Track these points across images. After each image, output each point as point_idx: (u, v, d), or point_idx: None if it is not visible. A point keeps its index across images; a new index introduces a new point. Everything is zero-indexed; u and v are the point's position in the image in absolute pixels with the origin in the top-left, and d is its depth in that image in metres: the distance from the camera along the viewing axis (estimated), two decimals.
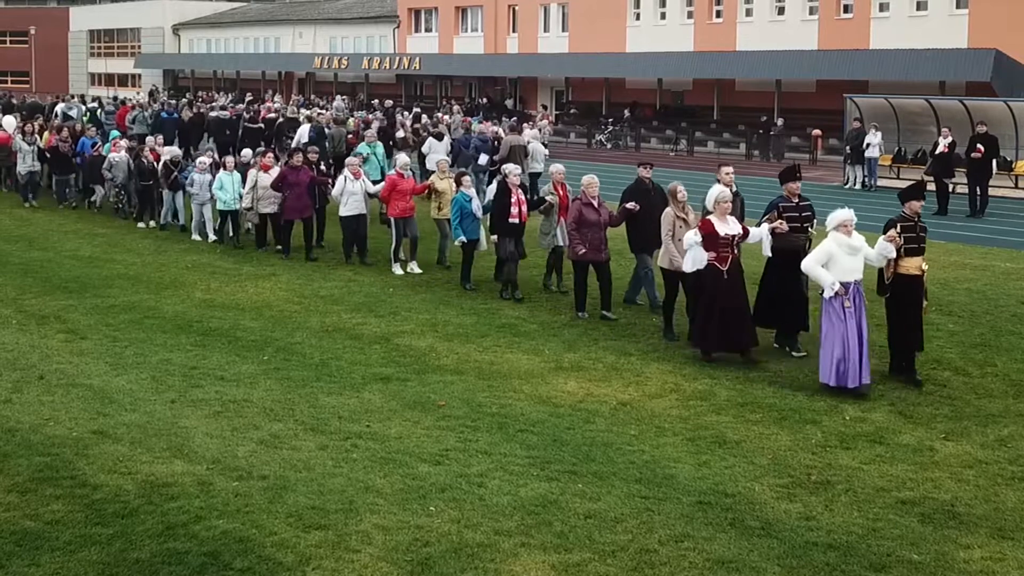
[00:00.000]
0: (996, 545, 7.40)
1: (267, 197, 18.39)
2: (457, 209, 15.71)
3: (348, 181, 17.41)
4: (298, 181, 18.01)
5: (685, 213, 12.83)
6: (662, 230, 12.86)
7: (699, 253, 11.71)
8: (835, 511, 7.97)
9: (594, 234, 13.68)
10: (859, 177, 31.42)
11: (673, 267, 12.62)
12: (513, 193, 15.04)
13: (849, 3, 43.74)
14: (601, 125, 48.46)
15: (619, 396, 10.73)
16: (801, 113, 42.54)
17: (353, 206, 17.41)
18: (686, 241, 11.86)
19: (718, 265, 11.72)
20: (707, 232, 11.78)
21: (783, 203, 12.35)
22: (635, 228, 14.16)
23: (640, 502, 8.08)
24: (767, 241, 11.94)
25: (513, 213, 14.91)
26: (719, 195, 12.03)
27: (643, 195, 14.14)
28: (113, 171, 22.54)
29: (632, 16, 50.82)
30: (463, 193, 15.88)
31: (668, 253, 12.74)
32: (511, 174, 15.35)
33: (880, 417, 10.12)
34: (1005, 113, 30.01)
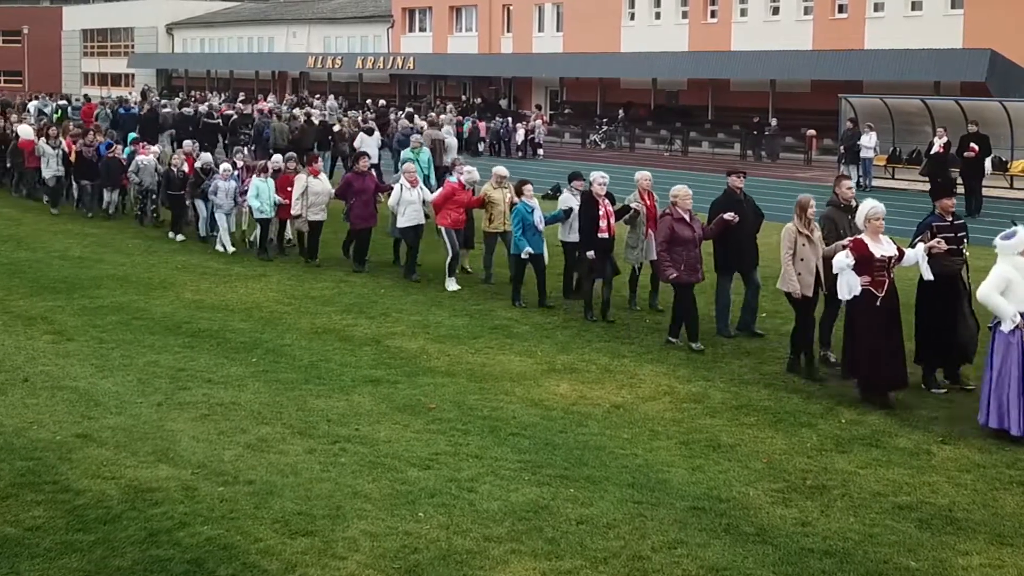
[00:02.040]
0: (995, 551, 7.27)
1: (318, 204, 17.42)
2: (519, 220, 14.38)
3: (405, 190, 16.19)
4: (364, 188, 16.99)
5: (810, 230, 11.35)
6: (782, 249, 11.39)
7: (852, 278, 10.29)
8: (831, 516, 7.83)
9: (689, 252, 12.30)
10: (854, 177, 31.30)
11: (792, 292, 11.27)
12: (600, 204, 13.55)
13: (844, 3, 43.67)
14: (596, 125, 48.38)
15: (612, 399, 10.59)
16: (796, 113, 42.46)
17: (411, 216, 16.20)
18: (837, 264, 10.39)
19: (874, 291, 10.30)
20: (861, 253, 10.31)
21: (937, 222, 10.93)
22: (726, 244, 12.74)
23: (633, 507, 7.94)
24: (925, 263, 10.54)
25: (602, 227, 13.45)
26: (871, 210, 10.47)
27: (735, 207, 12.66)
28: (140, 175, 21.34)
29: (627, 16, 50.74)
30: (524, 203, 14.57)
31: (787, 276, 11.32)
32: (595, 182, 13.70)
33: (876, 420, 9.99)
34: (1000, 113, 29.93)
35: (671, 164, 38.96)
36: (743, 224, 12.60)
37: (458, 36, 59.69)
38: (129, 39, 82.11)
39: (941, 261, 10.65)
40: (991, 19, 38.23)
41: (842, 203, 11.74)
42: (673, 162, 40.05)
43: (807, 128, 40.44)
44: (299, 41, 68.96)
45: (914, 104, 32.93)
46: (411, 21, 62.70)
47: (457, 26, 60.18)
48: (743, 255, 12.83)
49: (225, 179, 18.84)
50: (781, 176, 34.41)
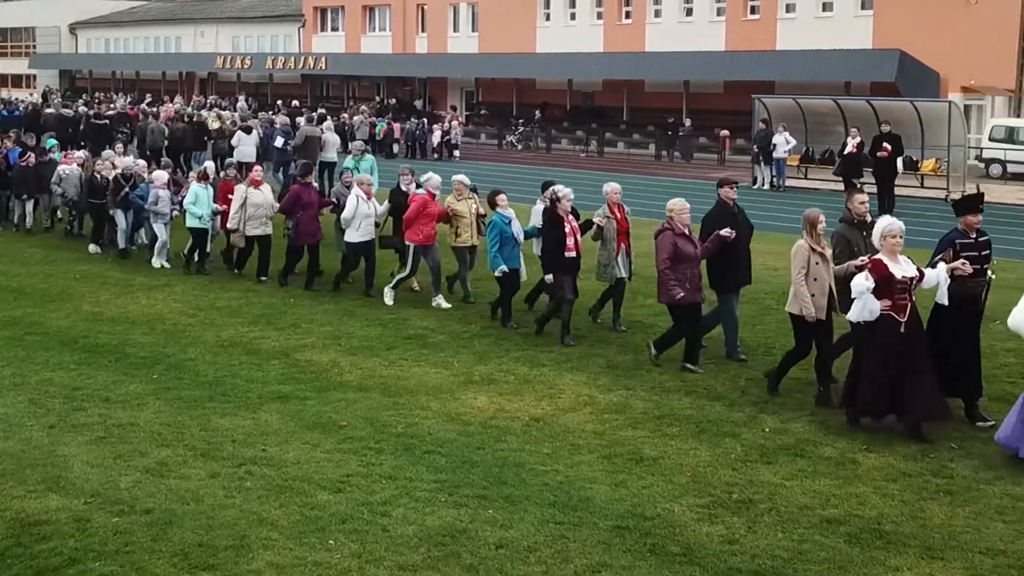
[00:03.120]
0: (926, 566, 7.08)
1: (257, 217, 16.13)
2: (496, 234, 13.42)
3: (361, 202, 15.02)
4: (311, 201, 15.88)
5: (822, 247, 10.51)
6: (793, 268, 10.50)
7: (871, 302, 9.47)
8: (758, 532, 7.58)
9: (692, 271, 11.38)
10: (767, 177, 31.54)
11: (805, 314, 10.37)
12: (566, 221, 12.70)
13: (756, 4, 44.07)
14: (512, 126, 48.14)
15: (531, 411, 10.24)
16: (709, 114, 42.71)
17: (366, 230, 15.11)
18: (855, 288, 9.51)
19: (895, 316, 9.48)
20: (881, 275, 9.48)
21: (960, 239, 10.00)
22: (723, 261, 11.77)
23: (555, 528, 7.60)
24: (945, 285, 9.71)
25: (569, 245, 12.62)
26: (887, 227, 9.65)
27: (730, 220, 11.77)
28: (63, 185, 19.82)
29: (542, 17, 50.62)
30: (500, 215, 13.58)
31: (799, 297, 10.39)
32: (564, 198, 12.81)
33: (800, 428, 9.80)
34: (911, 113, 30.35)
35: (587, 165, 38.89)
36: (739, 238, 11.74)
37: (371, 36, 59.00)
38: (30, 39, 79.55)
39: (964, 282, 9.76)
40: (900, 20, 38.87)
41: (856, 219, 10.80)
42: (589, 163, 39.97)
43: (721, 128, 40.68)
44: (207, 41, 67.52)
45: (826, 104, 33.28)
46: (323, 20, 61.80)
47: (370, 26, 59.48)
48: (741, 270, 12.04)
49: (162, 187, 17.44)
50: (695, 176, 34.49)
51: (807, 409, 10.32)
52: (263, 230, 16.25)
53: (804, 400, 10.60)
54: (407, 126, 42.11)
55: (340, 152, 26.62)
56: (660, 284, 11.52)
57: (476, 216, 14.58)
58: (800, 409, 10.32)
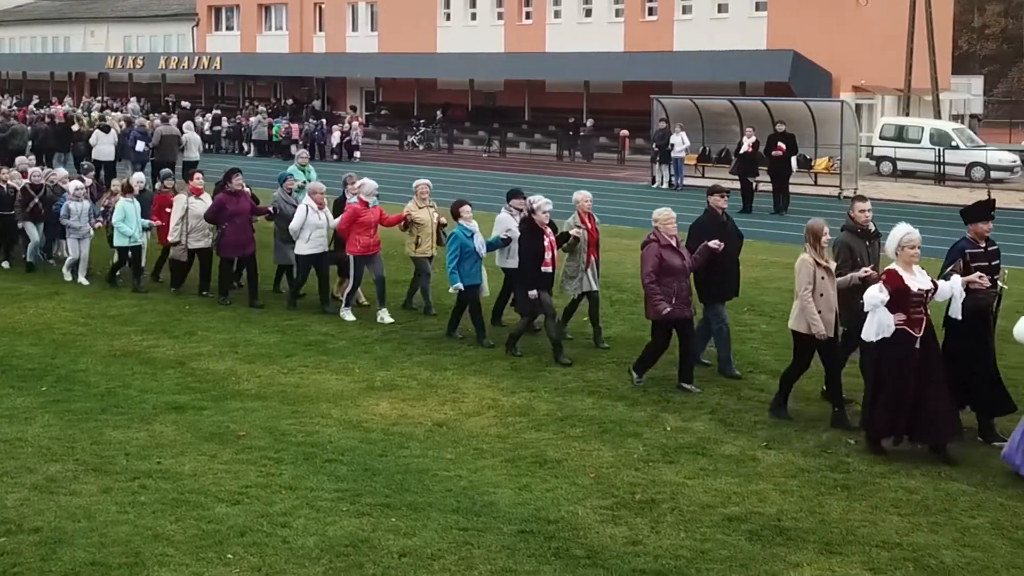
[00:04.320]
0: (825, 561, 7.18)
1: (200, 229, 15.11)
2: (456, 247, 12.62)
3: (311, 212, 14.17)
4: (239, 210, 14.77)
5: (827, 260, 10.00)
6: (798, 284, 9.94)
7: (885, 316, 8.98)
8: (662, 533, 7.60)
9: (680, 284, 10.81)
10: (666, 177, 31.92)
11: (811, 332, 9.86)
12: (545, 234, 12.10)
13: (653, 5, 44.60)
14: (413, 127, 47.93)
15: (434, 416, 10.14)
16: (609, 114, 43.10)
17: (317, 242, 14.23)
18: (868, 301, 9.03)
19: (910, 331, 9.01)
20: (896, 287, 9.00)
21: (970, 248, 9.62)
22: (712, 272, 11.28)
23: (459, 535, 7.52)
24: (960, 299, 9.27)
25: (547, 259, 11.99)
26: (905, 237, 9.10)
27: (719, 230, 11.29)
28: None
29: (442, 16, 50.50)
30: (463, 227, 12.80)
31: (805, 313, 9.88)
32: (540, 209, 12.14)
33: (701, 427, 9.89)
34: (804, 112, 31.02)
35: (489, 165, 38.92)
36: (728, 248, 11.25)
37: (268, 35, 58.16)
38: None
39: (975, 295, 9.34)
40: (793, 21, 39.71)
41: (859, 228, 10.43)
42: (491, 163, 40.01)
43: (620, 128, 41.08)
44: (97, 40, 65.78)
45: (722, 104, 33.83)
46: (217, 19, 60.71)
47: (266, 25, 58.63)
48: (730, 283, 11.60)
49: (76, 199, 16.25)
50: (597, 176, 34.77)
51: (707, 407, 10.43)
52: (206, 242, 15.29)
53: (704, 398, 10.71)
54: (305, 127, 41.60)
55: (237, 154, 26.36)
56: (646, 299, 10.98)
57: (437, 225, 14.01)
58: (700, 407, 10.42)
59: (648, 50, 43.01)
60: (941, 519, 7.86)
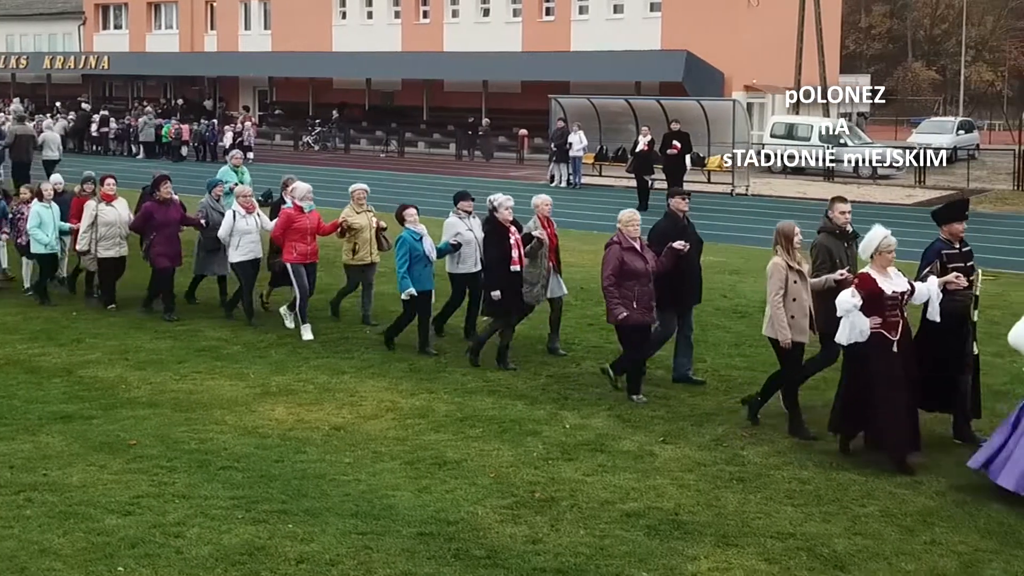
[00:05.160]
0: (722, 554, 7.28)
1: (111, 237, 14.20)
2: (405, 252, 12.04)
3: (239, 217, 13.47)
4: (168, 219, 14.00)
5: (800, 264, 9.67)
6: (769, 289, 9.64)
7: (860, 320, 8.76)
8: (561, 530, 7.62)
9: (642, 288, 10.41)
10: (564, 175, 32.12)
11: (780, 340, 9.57)
12: (510, 233, 11.63)
13: (551, 5, 44.86)
14: (308, 127, 47.38)
15: (332, 420, 10.01)
16: (508, 113, 43.24)
17: (248, 248, 13.51)
18: (841, 305, 8.80)
19: (886, 334, 8.79)
20: (870, 291, 8.78)
21: (946, 249, 9.41)
22: (673, 277, 10.72)
23: (357, 539, 7.43)
24: (937, 301, 9.05)
25: (515, 259, 11.52)
26: (883, 242, 8.88)
27: (681, 234, 10.84)
28: None
29: (338, 15, 50.05)
30: (410, 231, 12.20)
31: (776, 322, 9.57)
32: (502, 207, 11.65)
33: (600, 423, 9.95)
34: (698, 112, 31.55)
35: (387, 165, 38.69)
36: (690, 252, 10.84)
37: (157, 34, 56.89)
38: None
39: (952, 297, 9.14)
40: (686, 22, 40.35)
41: (837, 229, 10.13)
42: (389, 163, 39.79)
43: (519, 128, 41.23)
44: None
45: (619, 104, 34.23)
46: (105, 18, 59.16)
47: (156, 23, 57.34)
48: (692, 288, 11.16)
49: None
50: (496, 175, 34.80)
51: (606, 404, 10.50)
52: (118, 251, 14.31)
53: (603, 394, 10.77)
54: (196, 127, 40.81)
55: None
56: (606, 303, 10.62)
57: (376, 230, 13.49)
58: (599, 404, 10.48)
59: (546, 50, 43.25)
60: (833, 508, 8.04)
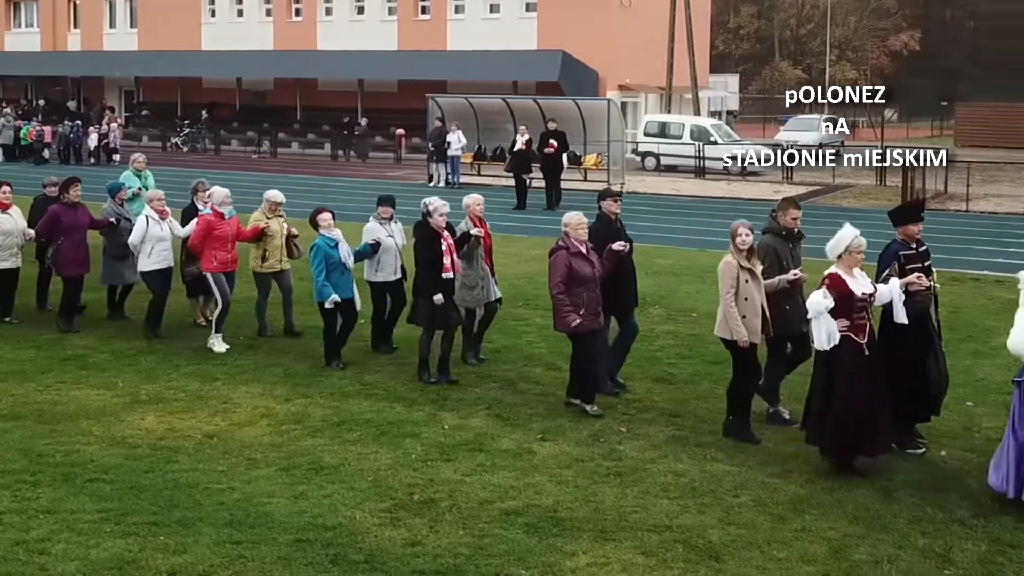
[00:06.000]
0: (600, 549, 7.34)
1: (8, 247, 13.30)
2: (320, 259, 11.49)
3: (152, 223, 12.82)
4: (76, 224, 13.24)
5: (752, 263, 9.48)
6: (722, 288, 9.47)
7: (830, 323, 8.51)
8: (440, 532, 7.59)
9: (589, 294, 10.06)
10: (443, 175, 32.08)
11: (737, 340, 9.40)
12: (443, 238, 11.17)
13: (427, 5, 44.76)
14: (177, 127, 46.28)
15: (205, 428, 9.76)
16: (385, 113, 43.00)
17: (161, 256, 12.89)
18: (812, 307, 8.57)
19: (854, 337, 8.57)
20: (840, 292, 8.53)
21: (903, 250, 9.20)
22: (608, 280, 10.41)
23: (232, 548, 7.26)
24: (900, 302, 8.83)
25: (447, 265, 11.08)
26: (854, 241, 8.66)
27: (614, 237, 10.58)
28: None
29: (207, 12, 49.07)
30: (325, 237, 11.64)
31: (730, 321, 9.40)
32: (436, 211, 11.16)
33: (479, 423, 9.94)
34: (574, 111, 31.91)
35: (260, 167, 38.07)
36: (627, 254, 10.66)
37: (17, 32, 54.91)
38: None
39: (913, 298, 8.96)
40: (562, 22, 40.74)
41: (783, 230, 10.00)
42: (262, 164, 39.16)
43: (396, 127, 41.03)
44: None
45: (496, 103, 34.36)
46: None
47: (15, 21, 55.33)
48: (629, 292, 10.87)
49: None
50: (372, 176, 34.62)
51: (484, 403, 10.49)
52: (13, 262, 13.41)
53: (481, 395, 10.77)
54: (60, 129, 39.46)
55: None
56: (554, 310, 10.20)
57: (287, 237, 12.93)
58: (478, 404, 10.47)
59: (422, 49, 43.14)
60: (707, 500, 8.18)
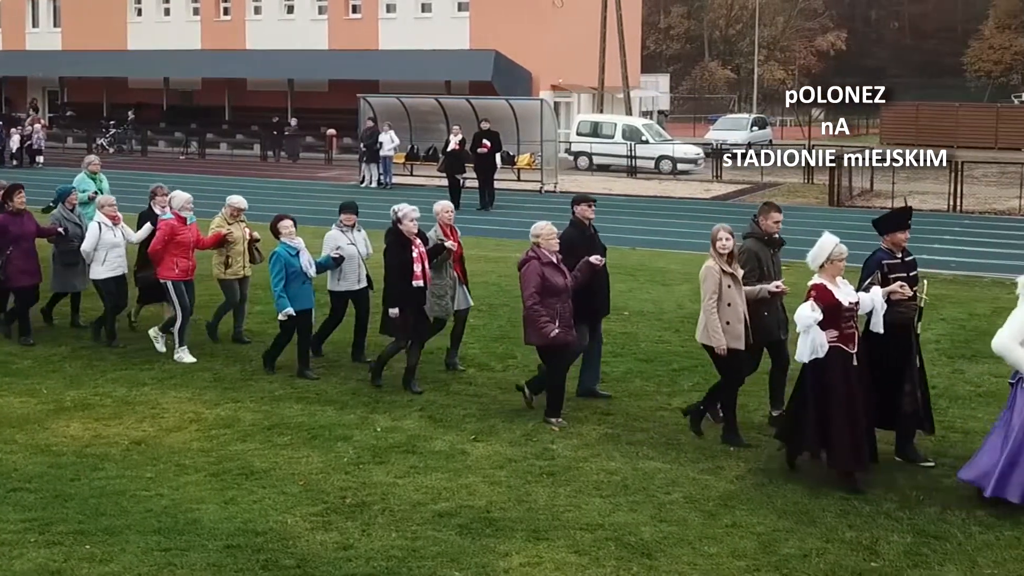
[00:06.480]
0: (533, 548, 7.35)
1: None
2: (280, 268, 11.11)
3: (105, 229, 12.37)
4: (24, 233, 12.63)
5: (734, 268, 9.35)
6: (704, 294, 9.34)
7: (819, 336, 8.34)
8: (373, 535, 7.54)
9: (563, 305, 9.85)
10: (375, 176, 31.92)
11: (716, 347, 9.27)
12: (414, 245, 10.88)
13: (358, 4, 44.52)
14: (102, 128, 45.47)
15: (132, 434, 9.60)
16: (315, 113, 42.70)
17: (115, 263, 12.45)
18: (801, 321, 8.34)
19: (844, 347, 8.38)
20: (828, 303, 8.34)
21: (887, 259, 8.95)
22: (582, 289, 10.16)
23: (160, 556, 7.15)
24: (881, 312, 8.64)
25: (417, 273, 10.78)
26: (836, 250, 8.46)
27: (588, 243, 10.37)
28: None
29: (133, 11, 48.33)
30: (286, 245, 11.27)
31: (710, 328, 9.28)
32: (406, 218, 10.86)
33: (412, 425, 9.90)
34: (507, 111, 31.95)
35: (188, 168, 37.56)
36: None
37: None
38: None
39: (896, 308, 8.76)
40: (494, 22, 40.77)
41: (765, 235, 9.80)
42: (190, 165, 38.65)
43: (327, 127, 40.74)
44: None
45: (428, 103, 34.25)
46: None
47: None
48: (602, 301, 10.67)
49: None
50: (303, 176, 34.36)
51: (417, 405, 10.45)
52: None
53: (414, 397, 10.71)
54: None
55: None
56: (528, 323, 9.92)
57: (249, 242, 12.62)
58: (410, 406, 10.42)
59: (353, 48, 42.88)
60: (640, 497, 8.24)
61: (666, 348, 12.60)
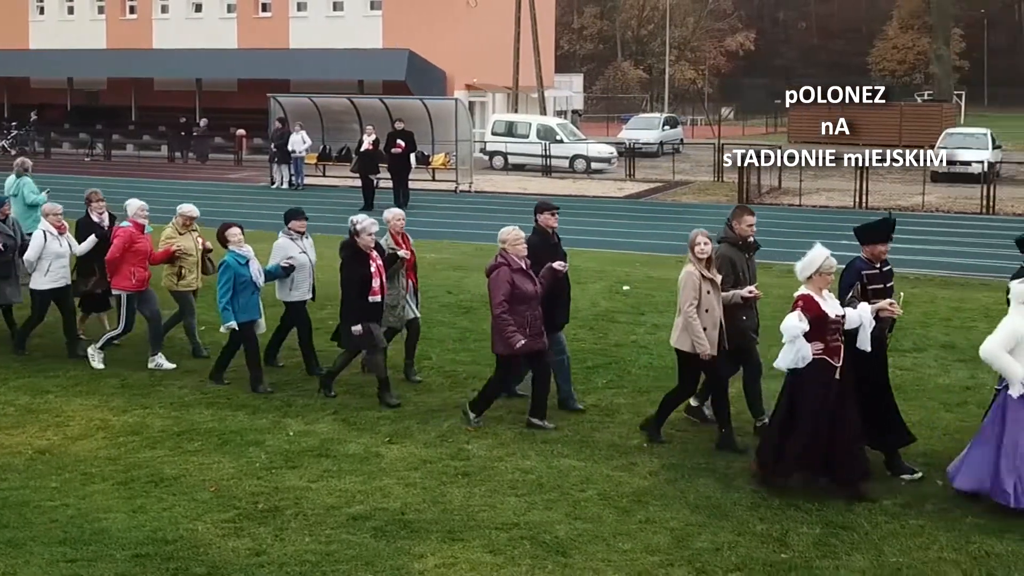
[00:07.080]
0: (448, 549, 7.33)
1: None
2: (228, 279, 10.72)
3: (51, 238, 11.94)
4: None
5: (712, 274, 9.23)
6: (682, 299, 9.16)
7: (805, 347, 8.20)
8: (286, 540, 7.45)
9: (532, 312, 9.64)
10: (286, 177, 31.54)
11: (699, 352, 9.12)
12: (372, 259, 10.54)
13: (268, 2, 43.99)
14: (3, 129, 44.24)
15: (36, 443, 9.35)
16: (224, 112, 42.06)
17: (59, 273, 12.00)
18: (787, 332, 8.20)
19: (829, 360, 8.26)
20: (814, 314, 8.21)
21: (867, 270, 8.78)
22: (546, 297, 9.93)
23: (66, 567, 6.98)
24: (869, 328, 8.40)
25: (375, 287, 10.47)
26: (826, 263, 8.31)
27: (552, 251, 10.14)
28: None
29: (35, 10, 47.13)
30: (234, 253, 10.88)
31: (692, 333, 9.13)
32: (364, 231, 10.46)
33: (325, 428, 9.80)
34: (421, 110, 31.86)
35: (93, 170, 36.76)
36: None
37: None
38: None
39: (878, 323, 8.59)
40: (408, 21, 40.61)
41: (740, 240, 9.62)
42: (96, 167, 37.84)
43: (237, 128, 40.16)
44: None
45: (341, 103, 33.98)
46: None
47: None
48: (563, 309, 10.46)
49: None
50: (212, 178, 33.85)
51: (331, 408, 10.35)
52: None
53: (327, 400, 10.61)
54: None
55: None
56: (496, 331, 9.68)
57: (202, 252, 12.20)
58: (324, 409, 10.32)
59: (263, 47, 42.36)
60: (554, 496, 8.27)
61: (580, 346, 12.67)
